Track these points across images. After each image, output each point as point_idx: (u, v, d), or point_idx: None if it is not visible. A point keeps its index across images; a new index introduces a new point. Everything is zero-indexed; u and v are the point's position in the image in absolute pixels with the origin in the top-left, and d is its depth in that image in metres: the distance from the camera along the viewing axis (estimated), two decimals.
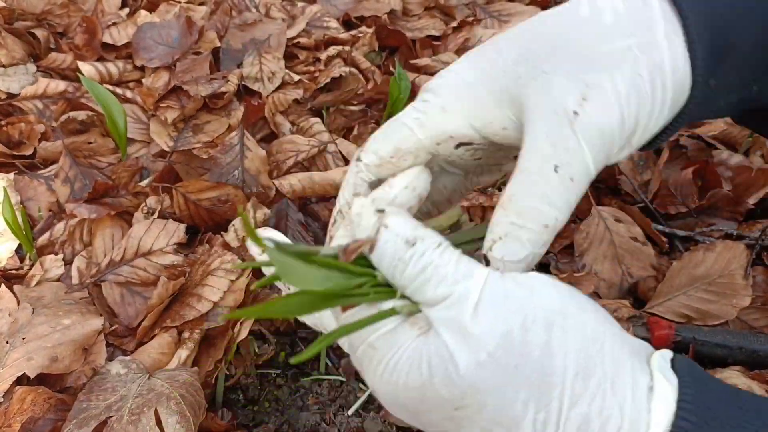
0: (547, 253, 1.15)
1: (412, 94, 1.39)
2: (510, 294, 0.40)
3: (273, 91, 1.35)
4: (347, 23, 1.62)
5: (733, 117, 0.55)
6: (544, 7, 1.69)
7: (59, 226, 1.07)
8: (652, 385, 0.40)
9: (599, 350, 0.40)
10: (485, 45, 0.49)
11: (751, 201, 1.18)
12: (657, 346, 0.99)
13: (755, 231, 1.16)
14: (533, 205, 0.42)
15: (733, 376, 0.91)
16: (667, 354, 0.43)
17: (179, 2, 1.52)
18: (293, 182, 1.15)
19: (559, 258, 1.14)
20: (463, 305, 0.40)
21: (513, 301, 0.40)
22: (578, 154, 0.42)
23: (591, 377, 0.39)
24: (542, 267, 1.13)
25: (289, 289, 0.52)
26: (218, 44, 1.39)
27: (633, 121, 0.42)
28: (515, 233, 0.42)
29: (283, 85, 1.37)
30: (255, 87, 1.34)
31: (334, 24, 1.56)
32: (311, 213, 1.18)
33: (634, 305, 1.07)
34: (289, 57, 1.48)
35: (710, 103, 0.46)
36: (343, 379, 0.99)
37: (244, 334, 0.89)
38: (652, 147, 0.48)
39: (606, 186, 1.28)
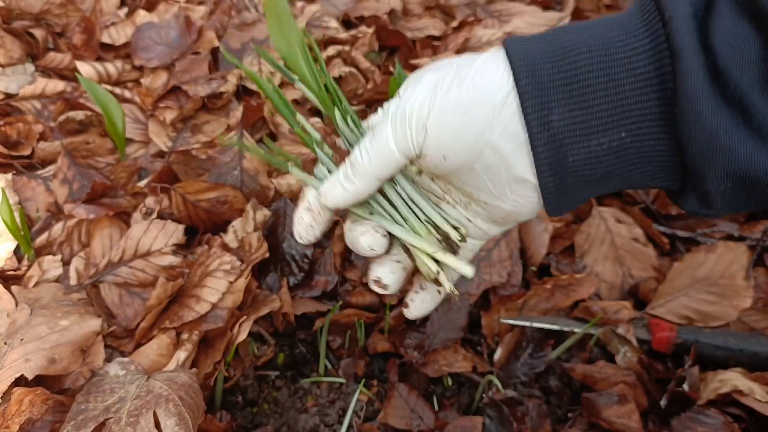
0: (548, 254, 1.15)
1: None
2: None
3: None
4: (347, 23, 1.62)
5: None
6: (545, 8, 1.69)
7: (57, 227, 1.07)
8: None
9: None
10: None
11: None
12: (658, 348, 0.99)
13: (756, 232, 1.16)
14: (356, 150, 0.54)
15: (734, 378, 0.91)
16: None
17: (178, 2, 1.51)
18: (291, 182, 1.15)
19: (560, 259, 1.14)
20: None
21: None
22: (384, 122, 0.52)
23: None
24: (543, 268, 1.13)
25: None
26: (217, 44, 1.39)
27: (426, 107, 0.50)
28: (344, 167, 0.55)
29: (283, 84, 1.37)
30: (254, 87, 1.33)
31: (333, 24, 1.56)
32: None
33: (636, 306, 1.06)
34: None
35: (578, 146, 0.48)
36: (343, 381, 0.99)
37: (243, 335, 0.89)
38: (550, 212, 0.52)
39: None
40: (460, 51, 1.54)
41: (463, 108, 0.49)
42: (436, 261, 0.56)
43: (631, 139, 0.47)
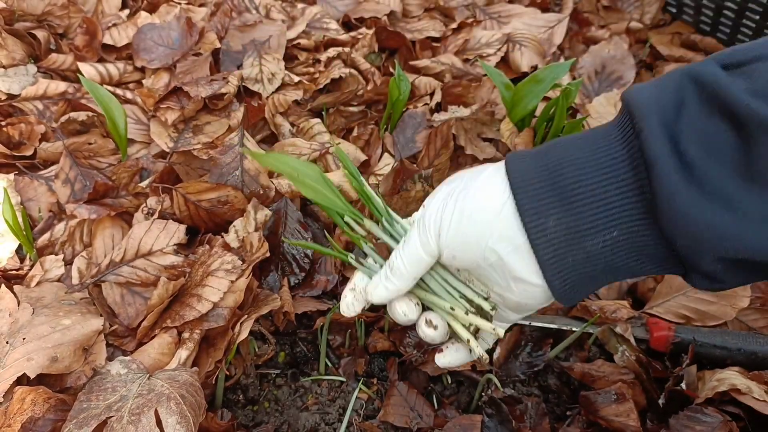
0: None
1: (412, 96, 1.40)
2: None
3: (273, 92, 1.35)
4: (347, 24, 1.62)
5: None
6: (544, 10, 1.70)
7: (59, 227, 1.07)
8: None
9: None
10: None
11: None
12: (656, 347, 0.99)
13: None
14: (390, 259, 0.64)
15: (732, 377, 0.92)
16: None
17: (179, 3, 1.52)
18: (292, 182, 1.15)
19: None
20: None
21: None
22: (412, 234, 0.62)
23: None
24: None
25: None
26: (218, 45, 1.40)
27: (439, 215, 0.59)
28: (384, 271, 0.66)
29: (283, 86, 1.38)
30: (255, 88, 1.34)
31: (333, 25, 1.56)
32: (311, 213, 1.18)
33: (634, 306, 1.07)
34: (289, 58, 1.48)
35: (578, 246, 0.54)
36: (343, 380, 0.99)
37: (244, 334, 0.89)
38: (565, 304, 0.59)
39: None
40: (459, 52, 1.54)
41: (466, 215, 0.57)
42: (469, 327, 0.66)
43: (623, 238, 0.52)
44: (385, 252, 0.68)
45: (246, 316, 0.92)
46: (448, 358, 0.69)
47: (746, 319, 1.05)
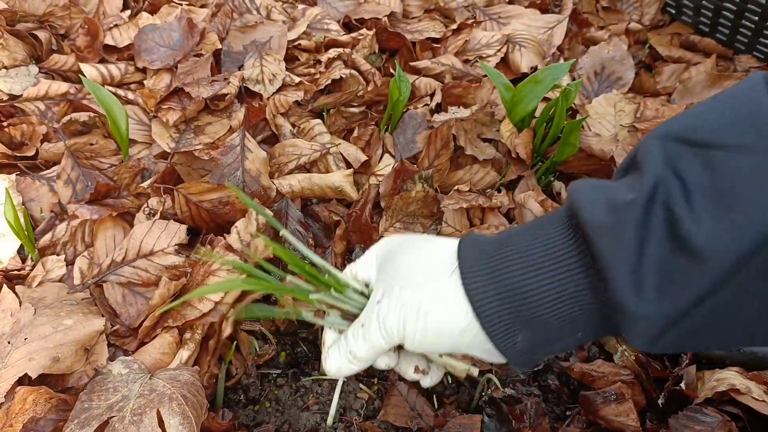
0: None
1: (412, 96, 1.40)
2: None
3: (274, 93, 1.35)
4: (347, 25, 1.63)
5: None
6: (543, 11, 1.70)
7: (61, 227, 1.08)
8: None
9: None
10: (382, 241, 0.68)
11: None
12: None
13: None
14: (350, 339, 0.64)
15: (731, 377, 0.92)
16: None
17: (180, 4, 1.52)
18: (293, 183, 1.16)
19: None
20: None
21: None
22: (371, 327, 0.61)
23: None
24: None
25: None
26: (219, 46, 1.40)
27: (401, 326, 0.59)
28: (341, 347, 0.65)
29: (284, 86, 1.38)
30: (256, 89, 1.34)
31: (334, 26, 1.57)
32: (311, 213, 1.19)
33: None
34: (290, 59, 1.49)
35: (542, 347, 0.56)
36: (344, 379, 1.00)
37: (228, 330, 0.90)
38: (520, 367, 0.61)
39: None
40: (459, 53, 1.55)
41: (431, 334, 0.58)
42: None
43: (585, 336, 0.56)
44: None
45: (232, 309, 0.93)
46: (434, 379, 0.72)
47: None
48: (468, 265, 0.57)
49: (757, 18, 1.54)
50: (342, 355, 0.65)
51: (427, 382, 0.71)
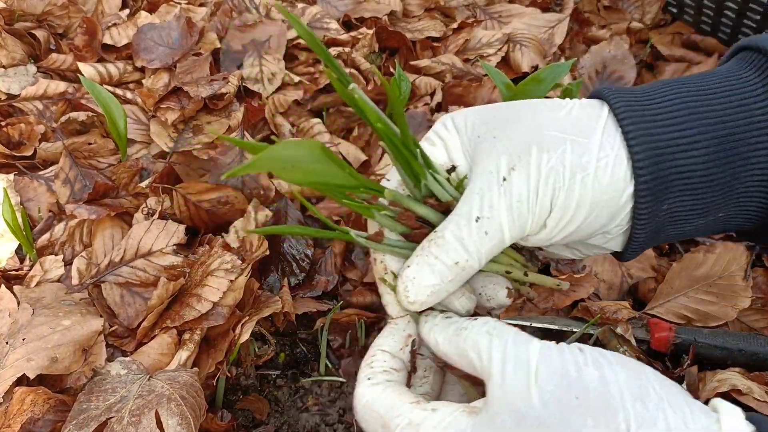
0: None
1: (412, 96, 1.39)
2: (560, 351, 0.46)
3: (273, 92, 1.35)
4: (347, 24, 1.62)
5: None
6: (544, 10, 1.70)
7: (59, 227, 1.07)
8: (716, 407, 0.43)
9: (646, 378, 0.43)
10: (464, 110, 0.55)
11: None
12: (657, 348, 0.99)
13: None
14: (451, 243, 0.48)
15: (733, 378, 0.91)
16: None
17: (179, 3, 1.52)
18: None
19: (559, 259, 1.14)
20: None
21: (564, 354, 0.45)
22: (496, 213, 0.48)
23: (647, 400, 0.41)
24: (542, 268, 1.13)
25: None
26: (218, 45, 1.39)
27: (548, 201, 0.48)
28: (430, 261, 0.48)
29: (284, 86, 1.37)
30: (255, 88, 1.34)
31: (334, 25, 1.56)
32: (311, 216, 1.18)
33: (634, 307, 1.07)
34: (290, 58, 1.48)
35: (673, 226, 0.50)
36: (344, 380, 0.99)
37: (245, 336, 0.89)
38: (624, 258, 0.55)
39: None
40: (459, 52, 1.54)
41: (586, 208, 0.48)
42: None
43: (725, 216, 0.50)
44: (411, 220, 0.53)
45: (247, 317, 0.92)
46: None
47: (747, 320, 1.05)
48: (629, 110, 0.48)
49: (758, 17, 1.53)
50: (439, 264, 0.48)
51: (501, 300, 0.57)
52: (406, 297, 0.50)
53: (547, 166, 0.47)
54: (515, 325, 1.02)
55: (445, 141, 0.54)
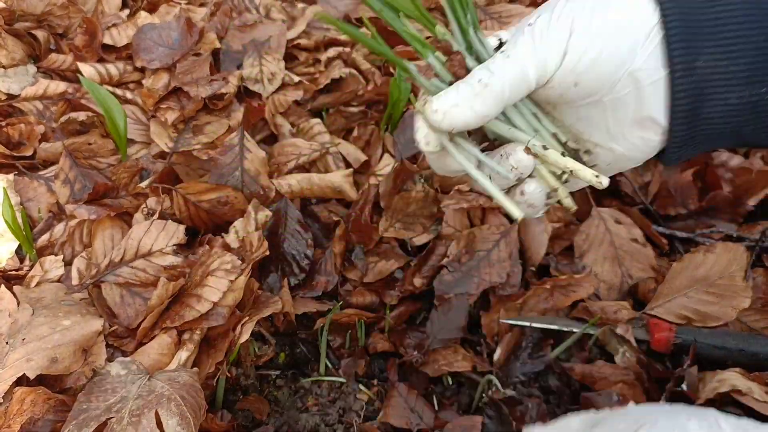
0: (547, 254, 1.15)
1: (413, 95, 1.39)
2: None
3: (273, 93, 1.35)
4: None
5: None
6: None
7: (59, 227, 1.07)
8: None
9: None
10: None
11: (751, 202, 1.18)
12: (657, 348, 0.98)
13: (755, 233, 1.16)
14: (476, 70, 0.51)
15: (733, 378, 0.91)
16: None
17: (179, 3, 1.52)
18: (292, 183, 1.15)
19: (559, 259, 1.14)
20: None
21: None
22: (520, 45, 0.49)
23: None
24: (542, 268, 1.13)
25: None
26: (218, 45, 1.39)
27: (566, 27, 0.48)
28: (455, 85, 0.52)
29: (283, 86, 1.37)
30: (255, 88, 1.34)
31: None
32: (311, 214, 1.18)
33: (635, 307, 1.07)
34: (289, 58, 1.48)
35: (715, 96, 0.48)
36: (344, 380, 0.99)
37: (245, 336, 0.89)
38: (670, 161, 0.52)
39: (606, 187, 1.27)
40: None
41: (607, 32, 0.48)
42: (560, 177, 0.55)
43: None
44: (461, 69, 0.54)
45: (247, 317, 0.92)
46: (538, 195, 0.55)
47: (747, 320, 1.05)
48: None
49: None
50: (463, 90, 0.50)
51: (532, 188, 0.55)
52: (430, 108, 0.52)
53: (569, 5, 0.49)
54: (514, 326, 1.03)
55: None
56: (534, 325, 1.02)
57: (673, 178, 1.23)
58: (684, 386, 0.96)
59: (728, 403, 0.91)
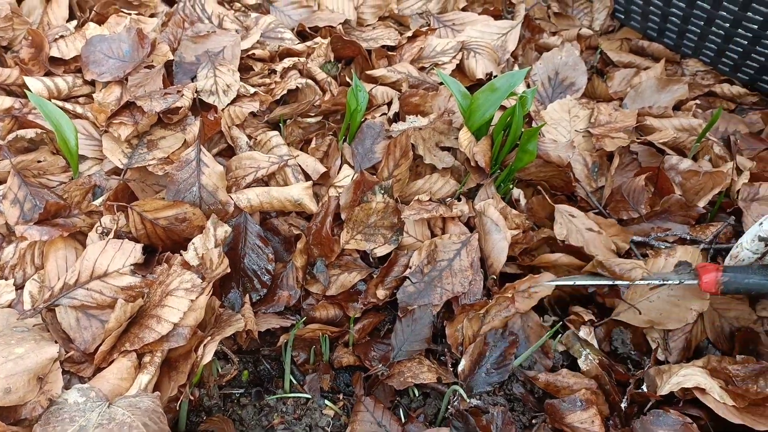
0: (508, 260, 1.16)
1: (369, 105, 1.39)
2: None
3: (229, 104, 1.33)
4: (301, 34, 1.61)
5: None
6: (496, 17, 1.72)
7: (9, 249, 1.04)
8: None
9: None
10: None
11: (701, 204, 1.21)
12: (707, 290, 0.99)
13: (708, 234, 1.19)
14: None
15: (697, 374, 0.93)
16: None
17: (129, 14, 1.48)
18: (251, 197, 1.14)
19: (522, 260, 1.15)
20: None
21: None
22: None
23: None
24: (504, 276, 1.14)
25: None
26: (171, 57, 1.37)
27: None
28: None
29: (239, 97, 1.35)
30: (210, 100, 1.32)
31: (288, 35, 1.55)
32: (271, 227, 1.17)
33: (597, 315, 1.09)
34: (244, 69, 1.46)
35: None
36: (309, 396, 0.98)
37: (208, 357, 0.87)
38: None
39: (562, 193, 1.29)
40: (414, 60, 1.55)
41: None
42: None
43: None
44: None
45: (209, 337, 0.90)
46: None
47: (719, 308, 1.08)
48: None
49: (702, 23, 1.58)
50: None
51: None
52: None
53: None
54: (479, 338, 1.02)
55: None
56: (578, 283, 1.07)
57: (626, 183, 1.26)
58: (644, 387, 0.98)
59: (692, 401, 0.93)
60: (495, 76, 1.50)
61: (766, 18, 1.43)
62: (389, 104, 1.40)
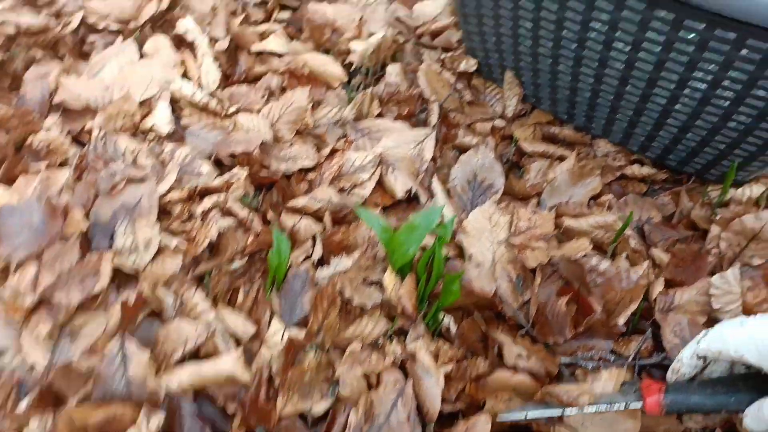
0: (443, 400, 1.18)
1: (293, 244, 1.40)
2: None
3: (150, 262, 1.31)
4: (219, 163, 1.60)
5: None
6: (409, 117, 1.75)
7: None
8: None
9: None
10: None
11: (621, 321, 1.26)
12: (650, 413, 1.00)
13: (630, 350, 1.24)
14: None
15: None
16: None
17: (38, 171, 1.45)
18: (182, 379, 1.13)
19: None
20: None
21: None
22: None
23: None
24: (444, 418, 1.16)
25: None
26: (84, 226, 1.33)
27: None
28: None
29: (161, 251, 1.34)
30: (130, 260, 1.30)
31: (206, 168, 1.54)
32: (207, 397, 1.16)
33: None
34: (163, 213, 1.45)
35: None
36: None
37: None
38: None
39: (490, 310, 1.33)
40: (335, 179, 1.56)
41: None
42: None
43: None
44: None
45: None
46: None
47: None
48: None
49: (608, 109, 1.64)
50: None
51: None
52: None
53: None
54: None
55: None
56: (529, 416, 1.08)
57: (549, 306, 1.30)
58: None
59: None
60: (415, 193, 1.53)
61: (670, 99, 1.50)
62: (313, 243, 1.41)
